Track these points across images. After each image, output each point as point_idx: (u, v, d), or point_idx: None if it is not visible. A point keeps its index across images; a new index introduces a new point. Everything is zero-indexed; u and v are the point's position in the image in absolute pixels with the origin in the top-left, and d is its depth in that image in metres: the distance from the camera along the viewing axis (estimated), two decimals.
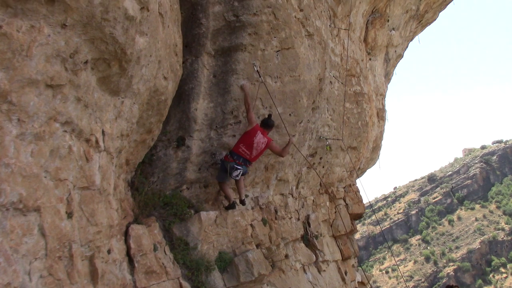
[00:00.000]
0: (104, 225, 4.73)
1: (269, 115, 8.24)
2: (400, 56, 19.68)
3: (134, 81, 5.09)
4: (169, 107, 6.84)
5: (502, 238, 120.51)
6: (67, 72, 3.85)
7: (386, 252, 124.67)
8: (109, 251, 4.92)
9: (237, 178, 7.98)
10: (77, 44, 3.88)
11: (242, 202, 8.36)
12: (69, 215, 4.02)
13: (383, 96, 18.56)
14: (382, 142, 18.73)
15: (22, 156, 3.44)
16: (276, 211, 9.91)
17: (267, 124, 8.11)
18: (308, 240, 11.53)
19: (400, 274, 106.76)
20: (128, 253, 5.55)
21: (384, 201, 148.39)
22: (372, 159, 18.37)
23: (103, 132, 4.81)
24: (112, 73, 4.59)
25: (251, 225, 8.76)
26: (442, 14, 20.18)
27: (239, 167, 7.84)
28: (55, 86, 3.73)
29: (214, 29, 7.63)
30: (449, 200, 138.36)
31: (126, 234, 5.67)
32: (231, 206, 8.16)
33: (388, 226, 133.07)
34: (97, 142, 4.63)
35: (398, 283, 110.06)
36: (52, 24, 3.59)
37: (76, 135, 4.19)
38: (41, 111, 3.61)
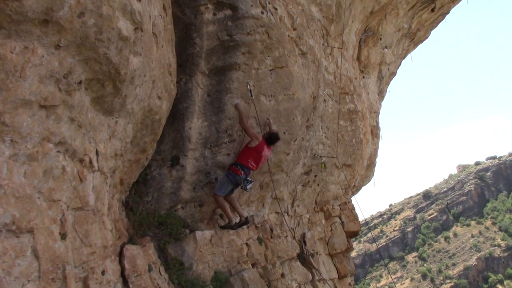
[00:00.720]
0: (98, 246, 4.69)
1: (276, 133, 8.32)
2: (393, 73, 19.83)
3: (128, 101, 5.09)
4: (163, 126, 6.84)
5: (499, 254, 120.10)
6: (61, 92, 3.85)
7: (383, 269, 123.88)
8: (103, 272, 4.87)
9: (248, 190, 8.14)
10: (71, 65, 3.89)
11: (246, 220, 8.32)
12: (63, 236, 3.98)
13: (376, 113, 18.65)
14: (377, 159, 18.78)
15: (15, 177, 3.42)
16: (271, 230, 9.87)
17: (271, 140, 8.21)
18: (304, 258, 11.47)
19: None
20: (122, 274, 5.49)
21: (380, 219, 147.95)
22: (366, 176, 18.39)
23: (97, 152, 4.79)
24: (106, 93, 4.60)
25: (247, 244, 8.71)
26: (434, 32, 20.40)
27: (250, 179, 8.03)
28: (48, 107, 3.73)
29: (208, 49, 7.67)
30: (444, 217, 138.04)
31: (121, 255, 5.61)
32: (231, 226, 8.11)
33: (384, 243, 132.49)
34: (90, 162, 4.61)
35: None
36: (45, 45, 3.60)
37: (69, 155, 4.17)
38: (35, 132, 3.60)
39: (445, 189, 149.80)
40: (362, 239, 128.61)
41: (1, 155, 3.31)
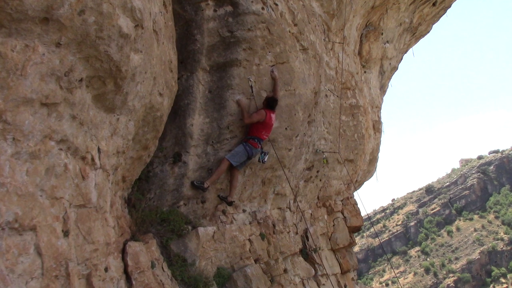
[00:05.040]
0: (101, 243, 4.71)
1: (271, 97, 8.32)
2: (395, 68, 19.80)
3: (130, 98, 5.09)
4: (165, 123, 6.85)
5: (502, 248, 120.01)
6: (62, 90, 3.86)
7: (386, 264, 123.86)
8: (106, 269, 4.88)
9: (266, 162, 8.57)
10: (71, 63, 3.89)
11: (230, 204, 8.38)
12: (66, 233, 3.99)
13: (378, 108, 18.63)
14: (379, 154, 18.77)
15: (18, 175, 3.43)
16: (274, 226, 9.87)
17: (272, 105, 8.25)
18: (307, 254, 11.48)
19: (400, 286, 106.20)
20: (125, 271, 5.50)
21: (383, 213, 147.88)
22: (369, 171, 18.38)
23: (98, 149, 4.80)
24: (107, 90, 4.60)
25: (249, 240, 8.72)
26: (435, 26, 20.34)
27: (266, 151, 8.44)
28: (50, 105, 3.74)
29: (209, 45, 7.67)
30: (447, 211, 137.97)
31: (123, 252, 5.62)
32: (203, 188, 7.81)
33: (387, 238, 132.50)
34: (93, 159, 4.62)
35: None
36: (46, 43, 3.60)
37: (71, 153, 4.18)
38: (36, 130, 3.61)
39: (447, 183, 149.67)
40: (365, 234, 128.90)
41: (3, 154, 3.32)
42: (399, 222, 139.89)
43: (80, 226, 4.32)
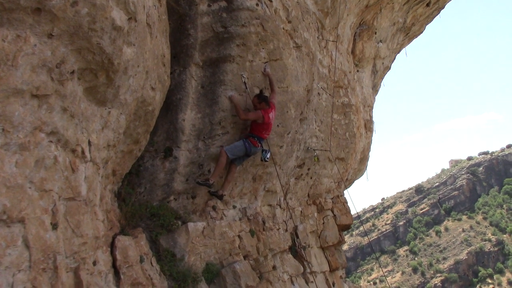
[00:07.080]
0: (89, 237, 4.68)
1: (260, 91, 8.30)
2: (388, 68, 19.85)
3: (121, 92, 5.06)
4: (157, 117, 6.82)
5: (489, 249, 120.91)
6: (53, 82, 3.83)
7: (374, 263, 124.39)
8: (94, 263, 4.86)
9: (268, 160, 8.58)
10: (63, 54, 3.86)
11: (221, 198, 8.34)
12: (54, 226, 3.97)
13: (370, 107, 18.67)
14: (370, 153, 18.83)
15: (7, 167, 3.40)
16: (264, 222, 9.88)
17: (266, 100, 8.18)
18: (296, 251, 11.50)
19: (387, 285, 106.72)
20: (114, 265, 5.48)
21: (372, 212, 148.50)
22: (359, 170, 18.44)
23: (89, 142, 4.77)
24: (99, 83, 4.57)
25: (239, 236, 8.72)
26: (429, 27, 20.40)
27: (268, 149, 8.44)
28: (41, 96, 3.71)
29: (202, 40, 7.64)
30: (436, 211, 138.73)
31: (112, 246, 5.60)
32: (209, 184, 7.83)
33: (376, 237, 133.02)
34: (83, 152, 4.59)
35: None
36: (38, 34, 3.57)
37: (61, 145, 4.15)
38: (26, 121, 3.58)
39: (437, 183, 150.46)
40: (354, 233, 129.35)
41: None
42: (388, 221, 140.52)
43: (69, 219, 4.30)
